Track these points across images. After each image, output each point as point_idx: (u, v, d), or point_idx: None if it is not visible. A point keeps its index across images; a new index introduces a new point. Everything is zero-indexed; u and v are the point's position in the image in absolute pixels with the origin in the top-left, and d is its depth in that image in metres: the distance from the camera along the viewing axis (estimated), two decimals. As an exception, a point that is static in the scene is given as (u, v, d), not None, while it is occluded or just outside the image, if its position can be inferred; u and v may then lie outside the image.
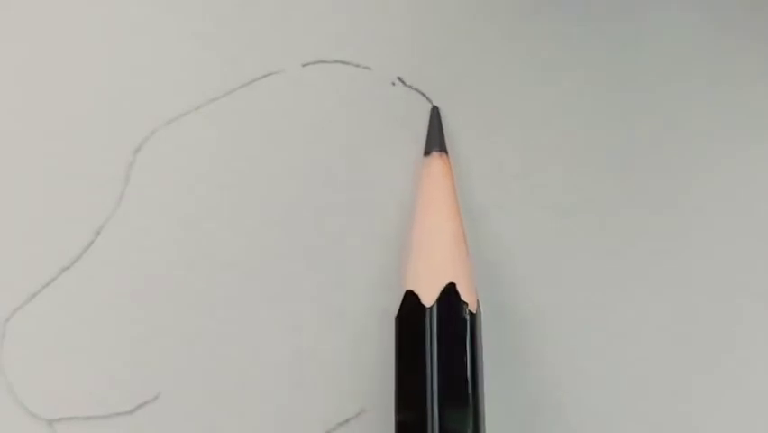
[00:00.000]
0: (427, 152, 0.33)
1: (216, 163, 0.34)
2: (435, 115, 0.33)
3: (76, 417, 0.33)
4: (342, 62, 0.34)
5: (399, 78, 0.34)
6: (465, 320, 0.31)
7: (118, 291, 0.33)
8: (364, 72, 0.34)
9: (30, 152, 0.34)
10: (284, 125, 0.34)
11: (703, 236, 0.33)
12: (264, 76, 0.34)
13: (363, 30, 0.34)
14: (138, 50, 0.34)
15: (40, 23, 0.35)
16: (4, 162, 0.34)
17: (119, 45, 0.34)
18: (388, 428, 0.32)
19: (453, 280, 0.31)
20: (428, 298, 0.30)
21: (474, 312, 0.31)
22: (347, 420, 0.33)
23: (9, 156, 0.34)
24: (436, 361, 0.30)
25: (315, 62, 0.34)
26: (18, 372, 0.33)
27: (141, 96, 0.34)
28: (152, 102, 0.34)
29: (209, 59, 0.34)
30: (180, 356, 0.33)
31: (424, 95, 0.34)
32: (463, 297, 0.31)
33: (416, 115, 0.34)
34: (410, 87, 0.34)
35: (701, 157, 0.34)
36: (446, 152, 0.33)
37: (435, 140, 0.33)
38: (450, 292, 0.31)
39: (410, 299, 0.31)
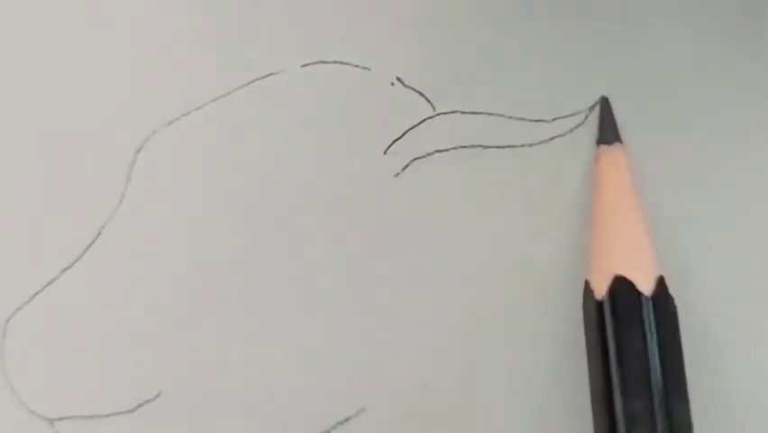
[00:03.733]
0: (604, 142, 0.33)
1: (217, 163, 0.34)
2: (606, 105, 0.33)
3: (77, 416, 0.33)
4: (342, 63, 0.34)
5: (398, 79, 0.34)
6: (676, 313, 0.30)
7: (119, 291, 0.33)
8: (363, 72, 0.34)
9: (31, 152, 0.34)
10: (284, 125, 0.34)
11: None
12: (264, 76, 0.34)
13: (363, 30, 0.34)
14: (139, 50, 0.35)
15: (40, 23, 0.35)
16: (5, 162, 0.34)
17: (120, 45, 0.35)
18: (387, 428, 0.32)
19: (662, 273, 0.30)
20: (645, 286, 0.30)
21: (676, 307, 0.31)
22: (347, 419, 0.33)
23: (10, 156, 0.34)
24: (657, 351, 0.29)
25: (314, 63, 0.34)
26: (19, 371, 0.33)
27: (143, 97, 0.34)
28: (153, 102, 0.34)
29: (209, 60, 0.34)
30: (181, 355, 0.33)
31: (423, 95, 0.34)
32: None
33: (414, 115, 0.34)
34: (409, 87, 0.34)
35: (702, 157, 0.34)
36: (621, 141, 0.33)
37: (610, 130, 0.33)
38: (662, 284, 0.30)
39: (623, 284, 0.30)
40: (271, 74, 0.34)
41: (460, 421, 0.32)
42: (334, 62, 0.34)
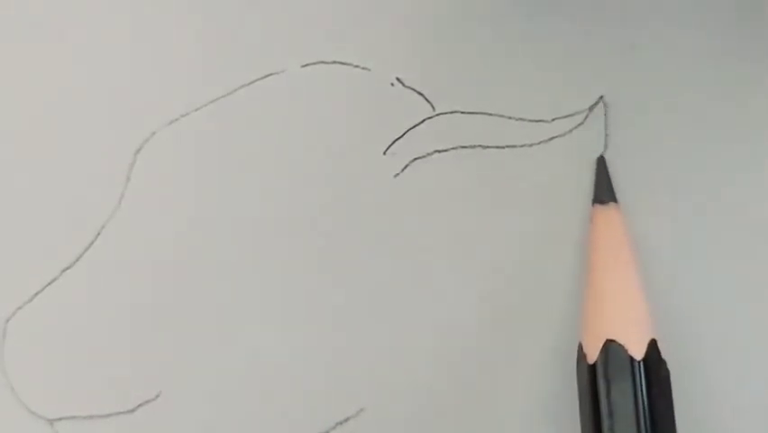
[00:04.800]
0: (600, 202, 0.33)
1: (216, 163, 0.34)
2: (602, 164, 0.33)
3: (77, 416, 0.33)
4: (342, 63, 0.34)
5: (398, 79, 0.34)
6: (668, 377, 0.30)
7: (119, 291, 0.33)
8: (363, 73, 0.34)
9: (31, 152, 0.34)
10: (284, 126, 0.34)
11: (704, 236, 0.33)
12: (264, 76, 0.34)
13: (362, 30, 0.34)
14: (139, 50, 0.34)
15: (39, 22, 0.35)
16: (5, 162, 0.34)
17: (119, 45, 0.35)
18: (387, 428, 0.32)
19: (654, 337, 0.30)
20: (636, 350, 0.30)
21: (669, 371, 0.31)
22: (346, 420, 0.33)
23: (10, 156, 0.34)
24: (648, 416, 0.29)
25: (314, 63, 0.34)
26: (19, 371, 0.33)
27: (142, 97, 0.34)
28: (153, 103, 0.34)
29: (209, 60, 0.34)
30: (181, 356, 0.33)
31: (422, 95, 0.34)
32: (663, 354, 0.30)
33: (414, 115, 0.34)
34: (409, 87, 0.34)
35: (703, 157, 0.34)
36: (616, 201, 0.33)
37: (606, 190, 0.33)
38: (654, 348, 0.30)
39: (614, 349, 0.30)
40: (271, 74, 0.34)
41: (458, 422, 0.32)
42: (334, 62, 0.34)
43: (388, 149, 0.34)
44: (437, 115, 0.34)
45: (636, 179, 0.33)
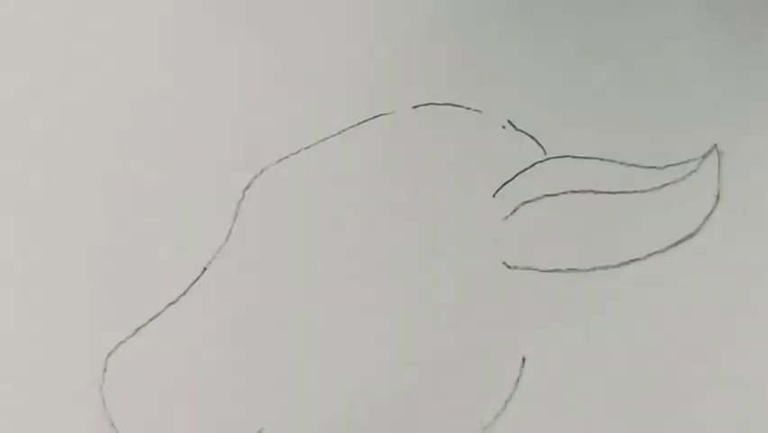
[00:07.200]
0: None
1: (324, 202, 0.34)
2: None
3: (177, 452, 0.32)
4: (453, 105, 0.34)
5: (509, 122, 0.34)
6: None
7: (223, 327, 0.33)
8: (474, 115, 0.34)
9: (140, 186, 0.35)
10: (392, 166, 0.34)
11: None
12: (374, 117, 0.34)
13: (475, 73, 0.34)
14: (250, 89, 0.35)
15: (162, 68, 0.35)
16: (113, 195, 0.34)
17: (234, 84, 0.35)
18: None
19: None
20: None
21: None
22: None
23: (119, 189, 0.35)
24: None
25: (425, 104, 0.34)
26: (119, 406, 0.33)
27: (252, 134, 0.34)
28: (263, 140, 0.34)
29: (319, 99, 0.35)
30: (283, 392, 0.32)
31: (534, 138, 0.34)
32: None
33: (525, 159, 0.34)
34: (520, 130, 0.34)
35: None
36: None
37: None
38: None
39: None
40: (381, 114, 0.34)
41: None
42: (446, 104, 0.34)
43: (497, 191, 0.34)
44: (548, 158, 0.34)
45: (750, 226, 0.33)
